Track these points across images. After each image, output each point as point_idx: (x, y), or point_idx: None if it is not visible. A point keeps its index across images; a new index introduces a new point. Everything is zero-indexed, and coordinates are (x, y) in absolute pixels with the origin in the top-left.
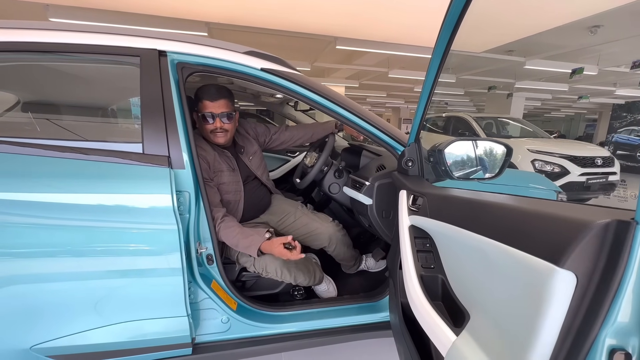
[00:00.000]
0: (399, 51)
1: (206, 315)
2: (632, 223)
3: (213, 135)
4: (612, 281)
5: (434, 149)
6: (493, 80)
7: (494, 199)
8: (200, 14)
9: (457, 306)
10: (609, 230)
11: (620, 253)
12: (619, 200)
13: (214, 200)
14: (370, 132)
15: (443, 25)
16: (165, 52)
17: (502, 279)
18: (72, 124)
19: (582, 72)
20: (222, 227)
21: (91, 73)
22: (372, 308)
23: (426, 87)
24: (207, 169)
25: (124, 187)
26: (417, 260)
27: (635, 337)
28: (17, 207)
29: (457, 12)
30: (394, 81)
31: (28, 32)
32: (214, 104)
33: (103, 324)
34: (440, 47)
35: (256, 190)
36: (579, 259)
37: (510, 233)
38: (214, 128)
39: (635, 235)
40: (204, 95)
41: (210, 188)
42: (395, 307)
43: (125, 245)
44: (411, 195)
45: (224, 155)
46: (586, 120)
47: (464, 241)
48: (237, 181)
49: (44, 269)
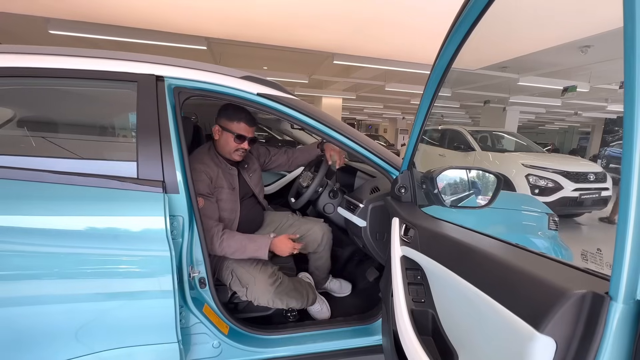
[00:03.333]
0: (394, 67)
1: (197, 340)
2: (606, 298)
3: (235, 153)
4: (589, 351)
5: (427, 175)
6: (488, 95)
7: (482, 245)
8: (200, 30)
9: (446, 344)
10: (585, 302)
11: (596, 325)
12: (596, 267)
13: (214, 215)
14: (364, 155)
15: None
16: (163, 77)
17: (488, 329)
18: (64, 143)
19: (575, 89)
20: (225, 238)
21: (88, 96)
22: (365, 331)
23: (419, 119)
24: (208, 184)
25: (117, 211)
26: (409, 294)
27: None
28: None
29: (457, 41)
30: (391, 94)
31: (28, 57)
32: (250, 129)
33: (91, 351)
34: (432, 86)
35: (252, 208)
36: (558, 326)
37: (496, 287)
38: (240, 148)
39: (609, 311)
40: (243, 118)
41: (211, 203)
42: (387, 332)
43: (115, 269)
44: (403, 225)
45: (228, 173)
46: (580, 133)
47: (453, 284)
48: (234, 200)
49: (27, 295)
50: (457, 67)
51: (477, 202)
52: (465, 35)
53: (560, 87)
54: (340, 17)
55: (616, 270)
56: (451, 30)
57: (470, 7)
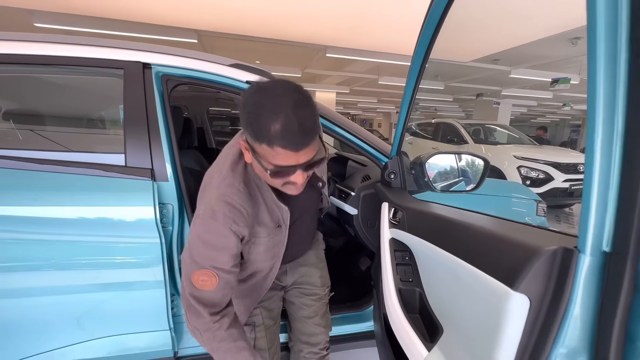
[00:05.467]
0: (388, 60)
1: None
2: (575, 252)
3: (284, 187)
4: (560, 304)
5: (416, 161)
6: (481, 88)
7: (461, 217)
8: (190, 23)
9: (433, 320)
10: (556, 257)
11: (566, 278)
12: (568, 227)
13: (214, 299)
14: (355, 143)
15: (418, 44)
16: (150, 65)
17: (469, 297)
18: (52, 135)
19: (568, 82)
20: (212, 332)
21: (74, 84)
22: (357, 318)
23: (404, 104)
24: (234, 253)
25: (106, 200)
26: (397, 274)
27: (582, 357)
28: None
29: (432, 28)
30: (384, 87)
31: (13, 44)
32: (297, 155)
33: (83, 339)
34: (415, 68)
35: (306, 226)
36: (531, 283)
37: (474, 254)
38: (290, 183)
39: (578, 263)
40: (279, 139)
41: (225, 278)
42: (378, 317)
43: (106, 258)
44: (392, 208)
45: (275, 211)
46: (570, 126)
47: (437, 258)
48: (279, 243)
49: (21, 284)
50: (449, 59)
51: (465, 187)
52: (439, 22)
53: (551, 79)
54: (332, 10)
55: (583, 225)
56: (425, 17)
57: None
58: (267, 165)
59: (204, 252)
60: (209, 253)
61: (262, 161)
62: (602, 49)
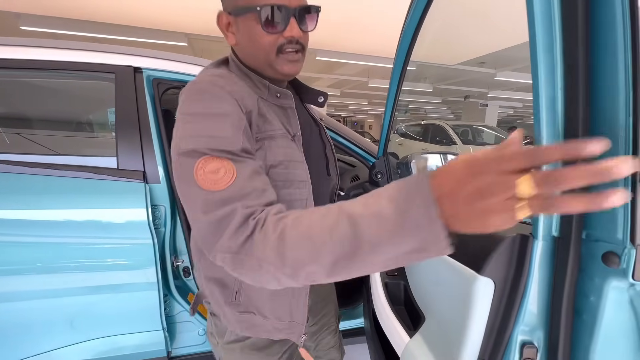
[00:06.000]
0: (377, 63)
1: (182, 328)
2: (530, 237)
3: (279, 58)
4: (519, 286)
5: (402, 161)
6: (469, 90)
7: None
8: (180, 26)
9: (416, 310)
10: (515, 243)
11: (523, 262)
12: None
13: (253, 184)
14: (343, 144)
15: (399, 46)
16: (141, 69)
17: (445, 285)
18: (44, 139)
19: None
20: (288, 225)
21: (66, 88)
22: (349, 314)
23: (389, 105)
24: (243, 125)
25: (99, 202)
26: None
27: (539, 331)
28: None
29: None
30: (375, 90)
31: (3, 49)
32: None
33: (76, 340)
34: (397, 70)
35: (325, 175)
36: (495, 268)
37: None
38: (284, 42)
39: (532, 248)
40: None
41: (245, 164)
42: (367, 313)
43: (99, 260)
44: None
45: (278, 107)
46: None
47: None
48: (299, 161)
49: (13, 287)
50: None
51: None
52: (418, 24)
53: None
54: (321, 14)
55: None
56: (405, 21)
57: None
58: (251, 4)
59: (197, 128)
60: (203, 126)
61: (249, 12)
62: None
